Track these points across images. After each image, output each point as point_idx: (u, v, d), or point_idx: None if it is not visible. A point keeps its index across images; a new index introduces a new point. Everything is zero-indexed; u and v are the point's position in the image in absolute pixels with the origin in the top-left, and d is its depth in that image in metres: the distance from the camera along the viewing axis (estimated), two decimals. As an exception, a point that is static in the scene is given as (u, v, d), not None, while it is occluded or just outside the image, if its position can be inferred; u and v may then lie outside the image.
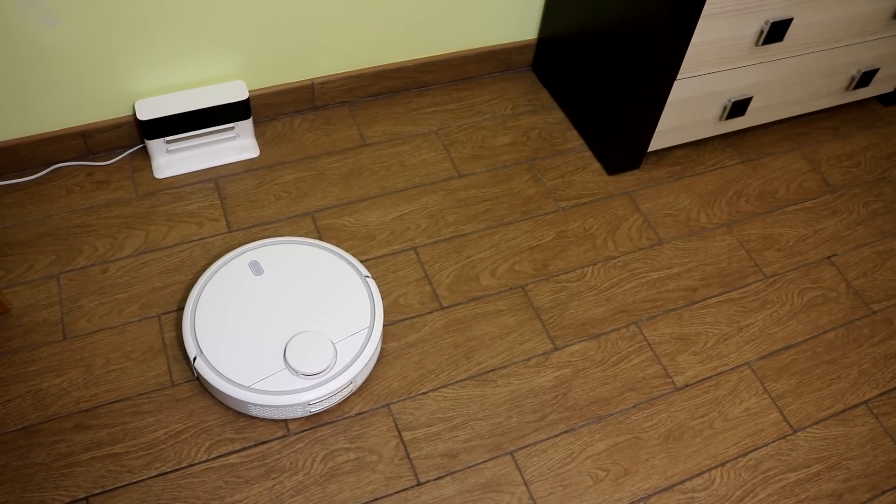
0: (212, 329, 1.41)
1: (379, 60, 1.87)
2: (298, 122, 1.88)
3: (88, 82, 1.63)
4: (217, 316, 1.43)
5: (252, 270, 1.48)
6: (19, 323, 1.50)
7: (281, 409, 1.36)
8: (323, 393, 1.36)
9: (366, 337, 1.42)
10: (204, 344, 1.39)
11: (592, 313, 1.60)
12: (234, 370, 1.36)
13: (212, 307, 1.44)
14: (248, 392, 1.34)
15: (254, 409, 1.37)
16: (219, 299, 1.45)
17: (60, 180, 1.72)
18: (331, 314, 1.45)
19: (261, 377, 1.36)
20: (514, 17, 1.92)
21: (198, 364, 1.37)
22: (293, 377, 1.36)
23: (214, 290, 1.46)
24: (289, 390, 1.35)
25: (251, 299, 1.45)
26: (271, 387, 1.35)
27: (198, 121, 1.70)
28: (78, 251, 1.60)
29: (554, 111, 1.97)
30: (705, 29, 1.57)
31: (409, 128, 1.89)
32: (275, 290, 1.47)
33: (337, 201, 1.73)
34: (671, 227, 1.76)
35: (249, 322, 1.42)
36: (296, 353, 1.37)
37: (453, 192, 1.77)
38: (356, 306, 1.46)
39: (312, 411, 1.39)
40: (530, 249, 1.68)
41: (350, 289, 1.48)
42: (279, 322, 1.43)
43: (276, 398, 1.34)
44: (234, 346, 1.39)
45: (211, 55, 1.69)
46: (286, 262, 1.51)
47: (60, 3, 1.48)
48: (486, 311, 1.58)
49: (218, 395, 1.39)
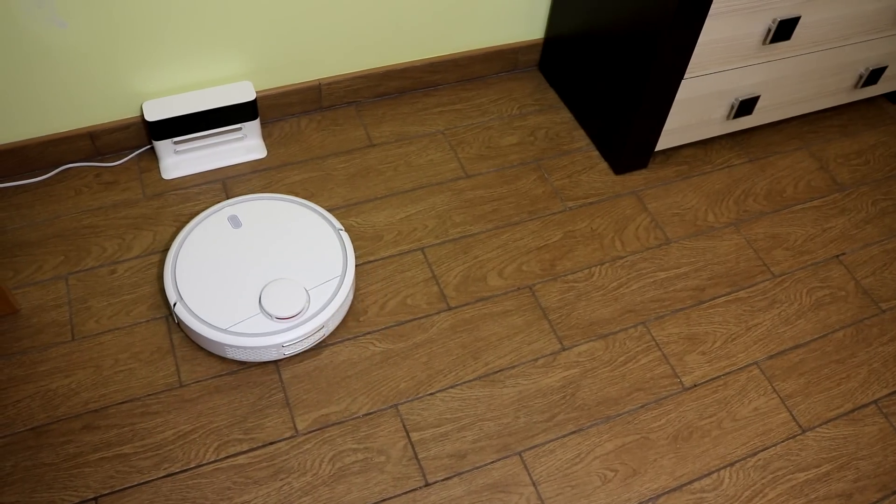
0: (191, 277, 1.48)
1: (385, 61, 1.87)
2: (305, 122, 1.88)
3: (97, 83, 1.64)
4: (196, 265, 1.50)
5: (231, 224, 1.56)
6: (28, 324, 1.50)
7: (256, 351, 1.42)
8: (296, 335, 1.43)
9: (337, 284, 1.50)
10: (184, 291, 1.46)
11: (600, 313, 1.59)
12: (212, 314, 1.43)
13: (192, 257, 1.51)
14: (224, 334, 1.41)
15: (230, 351, 1.43)
16: (199, 250, 1.52)
17: (69, 181, 1.72)
18: (304, 263, 1.52)
19: (237, 321, 1.43)
20: (521, 16, 1.92)
21: (178, 309, 1.44)
22: (268, 321, 1.43)
23: (194, 241, 1.54)
24: (263, 332, 1.42)
25: (229, 250, 1.53)
26: (247, 329, 1.42)
27: (205, 122, 1.70)
28: (86, 252, 1.61)
29: (561, 111, 1.97)
30: (712, 28, 1.57)
31: (416, 128, 1.89)
32: (252, 241, 1.54)
33: (344, 202, 1.73)
34: (679, 226, 1.75)
35: (227, 271, 1.50)
36: (270, 298, 1.44)
37: (460, 193, 1.77)
38: (329, 256, 1.53)
39: (286, 354, 1.45)
40: (538, 249, 1.68)
41: (324, 240, 1.56)
42: (255, 270, 1.50)
43: (251, 340, 1.41)
44: (213, 293, 1.46)
45: (218, 56, 1.69)
46: (263, 217, 1.59)
47: (69, 4, 1.48)
48: (494, 311, 1.58)
49: (197, 339, 1.46)
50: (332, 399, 1.44)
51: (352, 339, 1.52)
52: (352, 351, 1.50)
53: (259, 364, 1.47)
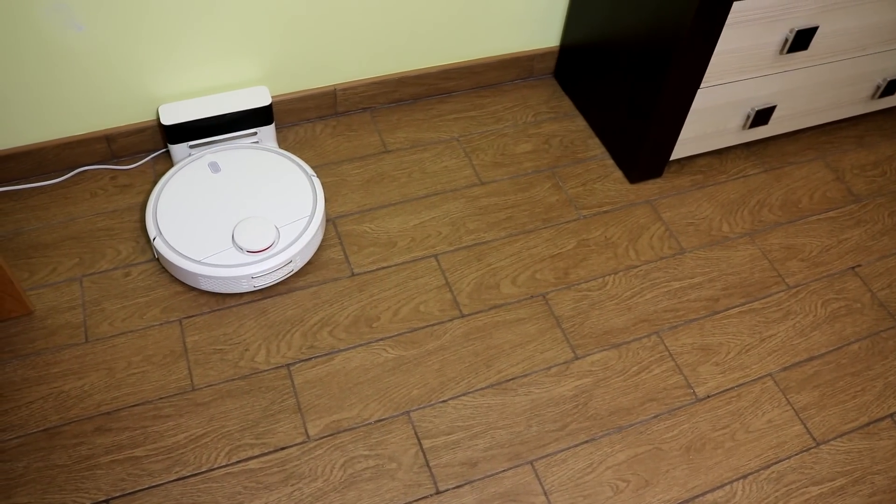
0: (171, 215, 1.59)
1: (401, 67, 1.87)
2: (320, 127, 1.88)
3: (113, 86, 1.64)
4: (176, 205, 1.60)
5: (210, 169, 1.66)
6: (42, 325, 1.51)
7: (227, 282, 1.53)
8: (265, 268, 1.53)
9: (306, 223, 1.59)
10: (163, 226, 1.56)
11: (614, 322, 1.59)
12: (188, 248, 1.54)
13: (172, 198, 1.61)
14: (198, 265, 1.52)
15: (203, 282, 1.53)
16: (179, 191, 1.63)
17: (84, 183, 1.73)
18: (277, 204, 1.62)
19: (211, 253, 1.53)
20: (537, 24, 1.92)
21: (156, 243, 1.54)
22: (239, 254, 1.54)
23: (176, 184, 1.64)
24: (234, 264, 1.52)
25: (207, 192, 1.63)
26: (219, 261, 1.52)
27: (221, 126, 1.70)
28: (101, 254, 1.61)
29: (576, 119, 1.96)
30: (729, 37, 1.56)
31: (431, 134, 1.89)
32: (229, 184, 1.64)
33: (358, 208, 1.73)
34: (693, 236, 1.75)
35: (204, 210, 1.60)
36: (242, 233, 1.55)
37: (475, 200, 1.77)
38: (300, 198, 1.63)
39: (256, 286, 1.55)
40: (551, 258, 1.68)
41: (296, 184, 1.66)
42: (230, 210, 1.60)
43: (223, 270, 1.51)
44: (189, 229, 1.57)
45: (234, 60, 1.69)
46: (242, 164, 1.69)
47: (86, 8, 1.49)
48: (507, 319, 1.57)
49: (174, 272, 1.56)
50: (344, 405, 1.44)
51: (364, 345, 1.52)
52: (364, 357, 1.50)
53: (272, 369, 1.47)
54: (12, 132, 1.64)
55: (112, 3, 1.51)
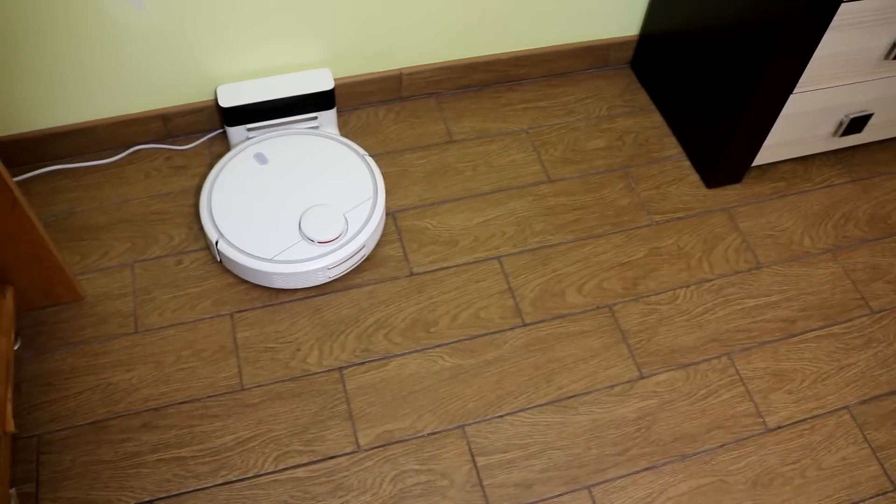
0: (229, 215, 1.51)
1: (470, 53, 1.78)
2: (383, 112, 1.80)
3: (171, 65, 1.58)
4: (232, 203, 1.53)
5: (257, 161, 1.58)
6: (93, 312, 1.47)
7: (302, 277, 1.47)
8: (339, 257, 1.47)
9: (371, 205, 1.54)
10: (224, 228, 1.49)
11: (682, 340, 1.50)
12: (255, 246, 1.47)
13: (226, 196, 1.53)
14: (270, 264, 1.45)
15: (277, 280, 1.47)
16: (231, 189, 1.55)
17: (139, 163, 1.68)
18: (336, 189, 1.56)
19: (281, 249, 1.47)
20: (617, 11, 1.80)
21: (221, 246, 1.47)
22: (310, 246, 1.48)
23: (225, 181, 1.56)
24: (308, 258, 1.46)
25: (261, 185, 1.56)
26: (291, 257, 1.46)
27: (280, 110, 1.63)
28: (153, 240, 1.57)
29: (652, 114, 1.85)
30: (832, 40, 1.44)
31: (499, 125, 1.80)
32: (281, 174, 1.57)
33: (420, 201, 1.66)
34: (771, 249, 1.64)
35: (262, 205, 1.53)
36: (310, 224, 1.48)
37: (542, 199, 1.68)
38: (358, 181, 1.57)
39: (331, 276, 1.50)
40: (620, 266, 1.59)
41: (351, 167, 1.59)
42: (290, 201, 1.54)
43: (296, 266, 1.45)
44: (252, 227, 1.50)
45: (296, 41, 1.62)
46: (287, 151, 1.61)
47: (148, -16, 1.43)
48: (571, 330, 1.50)
49: (243, 273, 1.49)
50: (397, 415, 1.38)
51: (420, 351, 1.46)
52: (420, 364, 1.44)
53: (324, 372, 1.42)
54: (67, 109, 1.59)
55: (174, -21, 1.44)
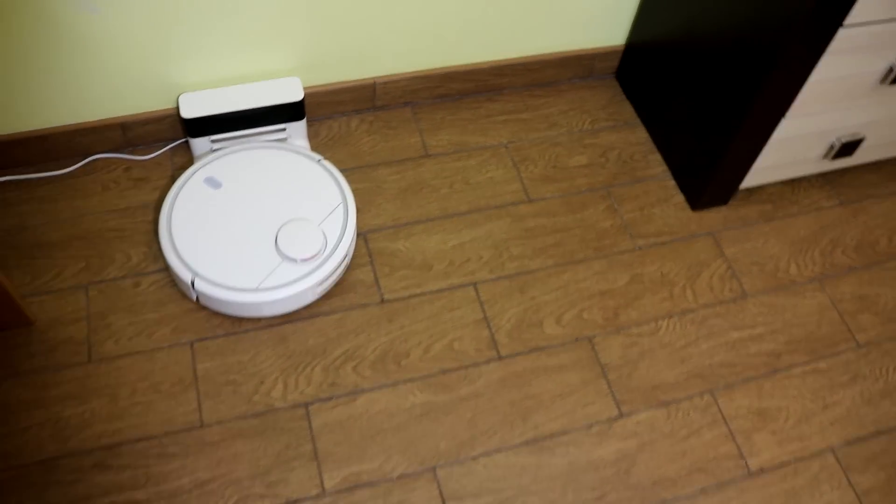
0: (196, 249, 1.40)
1: (449, 61, 1.69)
2: (356, 122, 1.71)
3: (130, 72, 1.48)
4: (196, 236, 1.42)
5: (210, 186, 1.47)
6: (43, 338, 1.38)
7: (293, 300, 1.39)
8: (327, 271, 1.40)
9: (343, 211, 1.46)
10: (195, 264, 1.38)
11: (664, 376, 1.45)
12: (236, 278, 1.37)
13: (187, 230, 1.42)
14: (257, 293, 1.36)
15: (267, 309, 1.39)
16: (190, 220, 1.43)
17: (96, 174, 1.58)
18: (302, 201, 1.47)
19: (264, 276, 1.38)
20: (604, 20, 1.72)
21: (198, 285, 1.36)
22: (293, 266, 1.39)
23: (181, 214, 1.44)
24: (295, 279, 1.38)
25: (221, 211, 1.45)
26: (277, 281, 1.38)
27: (246, 121, 1.54)
28: (110, 259, 1.48)
29: (636, 129, 1.78)
30: (829, 64, 1.37)
31: (477, 138, 1.72)
32: (239, 196, 1.47)
33: (393, 221, 1.58)
34: (757, 277, 1.58)
35: (228, 231, 1.43)
36: (288, 243, 1.40)
37: (521, 220, 1.60)
38: (322, 188, 1.49)
39: (319, 293, 1.43)
40: (601, 294, 1.53)
41: (309, 175, 1.51)
42: (257, 222, 1.44)
43: (285, 290, 1.37)
44: (226, 257, 1.40)
45: (264, 48, 1.52)
46: (240, 169, 1.50)
47: (102, -12, 1.32)
48: (548, 364, 1.43)
49: (226, 308, 1.40)
50: (365, 455, 1.31)
51: (391, 385, 1.39)
52: (390, 400, 1.37)
53: (288, 407, 1.35)
54: (20, 116, 1.49)
55: (131, -16, 1.33)
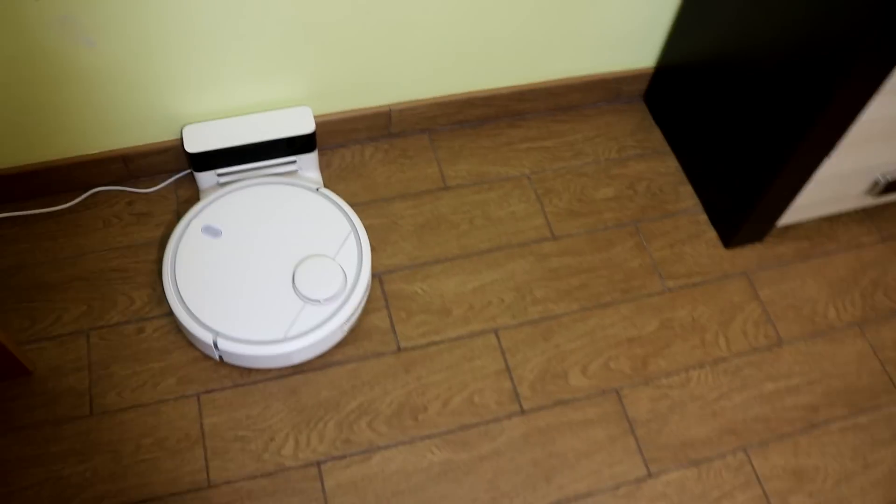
0: (210, 305, 1.31)
1: (469, 87, 1.59)
2: (370, 151, 1.62)
3: (131, 104, 1.39)
4: (207, 292, 1.33)
5: (209, 235, 1.38)
6: (43, 389, 1.32)
7: (324, 342, 1.33)
8: (353, 305, 1.34)
9: (355, 238, 1.39)
10: (214, 322, 1.30)
11: (695, 432, 1.37)
12: (261, 331, 1.30)
13: (197, 287, 1.33)
14: (286, 343, 1.29)
15: (297, 356, 1.32)
16: (198, 276, 1.34)
17: (97, 208, 1.50)
18: (310, 236, 1.39)
19: (289, 323, 1.31)
20: (634, 42, 1.62)
21: (222, 344, 1.28)
22: (318, 307, 1.32)
23: (187, 270, 1.35)
24: (322, 321, 1.31)
25: (228, 261, 1.36)
26: (305, 326, 1.30)
27: (254, 154, 1.46)
28: (112, 302, 1.40)
29: (666, 158, 1.68)
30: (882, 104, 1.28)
31: (498, 168, 1.62)
32: (243, 241, 1.38)
33: (409, 260, 1.49)
34: (794, 322, 1.50)
35: (241, 281, 1.34)
36: (308, 285, 1.33)
37: (545, 259, 1.52)
38: (328, 218, 1.42)
39: (346, 330, 1.37)
40: (629, 342, 1.45)
41: (312, 206, 1.43)
42: (269, 267, 1.36)
43: (315, 334, 1.30)
44: (245, 310, 1.32)
45: (272, 77, 1.43)
46: (237, 210, 1.41)
47: (98, 22, 1.23)
48: (574, 419, 1.36)
49: (254, 363, 1.33)
50: (381, 520, 1.25)
51: (408, 443, 1.32)
52: (406, 458, 1.30)
53: (300, 466, 1.28)
54: (16, 150, 1.41)
55: (127, 15, 1.24)
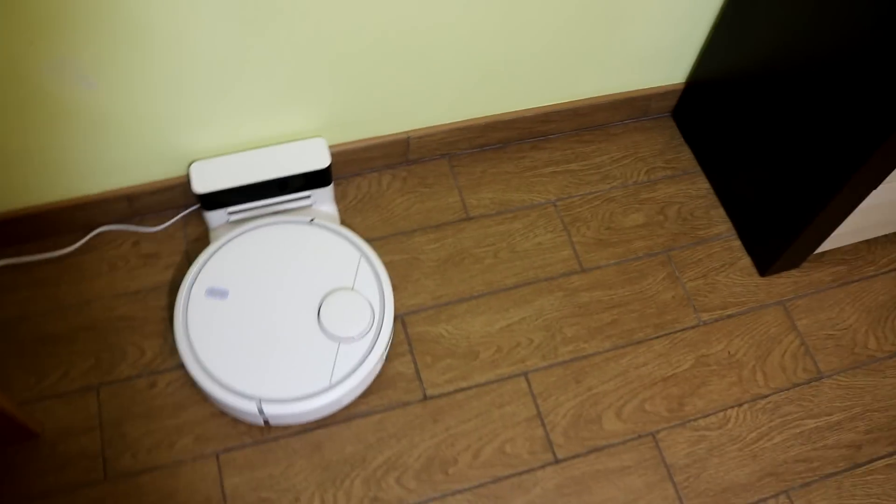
0: (245, 373, 1.23)
1: (490, 111, 1.51)
2: (388, 179, 1.54)
3: (134, 143, 1.31)
4: (236, 359, 1.24)
5: (216, 297, 1.29)
6: (53, 452, 1.25)
7: (368, 378, 1.29)
8: (387, 332, 1.29)
9: (367, 263, 1.34)
10: (254, 388, 1.22)
11: (735, 476, 1.32)
12: (305, 384, 1.23)
13: (221, 358, 1.24)
14: (334, 390, 1.24)
15: (346, 399, 1.28)
16: (219, 346, 1.25)
17: (101, 250, 1.42)
18: (322, 271, 1.32)
19: (331, 368, 1.25)
20: (664, 60, 1.53)
21: (269, 409, 1.21)
22: (353, 344, 1.27)
23: (205, 342, 1.25)
24: (362, 357, 1.26)
25: (245, 320, 1.27)
26: (346, 368, 1.25)
27: (266, 191, 1.37)
28: (121, 354, 1.33)
29: (696, 178, 1.61)
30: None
31: (522, 195, 1.55)
32: (252, 294, 1.30)
33: (433, 300, 1.42)
34: (833, 353, 1.44)
35: (268, 338, 1.26)
36: (338, 323, 1.27)
37: (574, 294, 1.45)
38: (333, 248, 1.35)
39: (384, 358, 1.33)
40: (664, 381, 1.39)
41: (310, 241, 1.35)
42: (290, 315, 1.28)
43: (357, 374, 1.25)
44: (282, 368, 1.24)
45: (283, 109, 1.34)
46: (234, 265, 1.32)
47: (96, 62, 1.14)
48: (609, 467, 1.30)
49: (306, 418, 1.27)
50: (414, 584, 1.20)
51: (438, 498, 1.26)
52: (438, 516, 1.25)
53: (327, 528, 1.22)
54: (16, 193, 1.32)
55: (127, 54, 1.15)
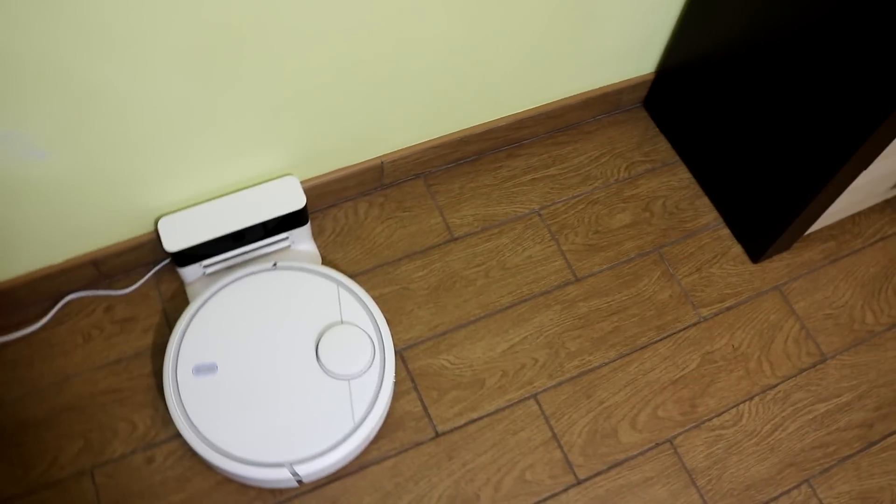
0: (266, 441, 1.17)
1: (464, 124, 1.45)
2: (364, 207, 1.47)
3: (95, 207, 1.22)
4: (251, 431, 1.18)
5: (206, 374, 1.21)
6: (53, 547, 1.17)
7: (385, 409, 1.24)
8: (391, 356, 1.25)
9: (347, 291, 1.28)
10: (281, 455, 1.16)
11: (756, 471, 1.31)
12: (331, 433, 1.18)
13: (234, 435, 1.17)
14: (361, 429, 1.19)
15: (372, 434, 1.24)
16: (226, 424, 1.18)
17: (73, 321, 1.33)
18: (305, 312, 1.26)
19: (349, 408, 1.20)
20: (633, 53, 1.49)
21: (302, 470, 1.16)
22: (363, 379, 1.22)
23: (210, 425, 1.17)
24: (374, 392, 1.22)
25: (244, 388, 1.20)
26: (365, 401, 1.21)
27: (241, 238, 1.30)
28: (112, 431, 1.25)
29: (677, 169, 1.58)
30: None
31: (505, 208, 1.50)
32: (244, 360, 1.22)
33: (429, 330, 1.37)
34: (833, 333, 1.44)
35: (274, 400, 1.20)
36: (342, 361, 1.22)
37: (571, 305, 1.41)
38: (306, 286, 1.28)
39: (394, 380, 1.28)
40: (673, 384, 1.36)
41: (281, 286, 1.28)
42: (292, 366, 1.22)
43: (377, 408, 1.21)
44: (299, 424, 1.18)
45: (251, 152, 1.26)
46: (212, 334, 1.24)
47: (45, 133, 1.05)
48: (632, 480, 1.28)
49: (338, 465, 1.22)
50: None
51: (465, 539, 1.22)
52: (468, 557, 1.21)
53: (356, 587, 1.18)
54: (-32, 276, 1.22)
55: (77, 120, 1.05)
